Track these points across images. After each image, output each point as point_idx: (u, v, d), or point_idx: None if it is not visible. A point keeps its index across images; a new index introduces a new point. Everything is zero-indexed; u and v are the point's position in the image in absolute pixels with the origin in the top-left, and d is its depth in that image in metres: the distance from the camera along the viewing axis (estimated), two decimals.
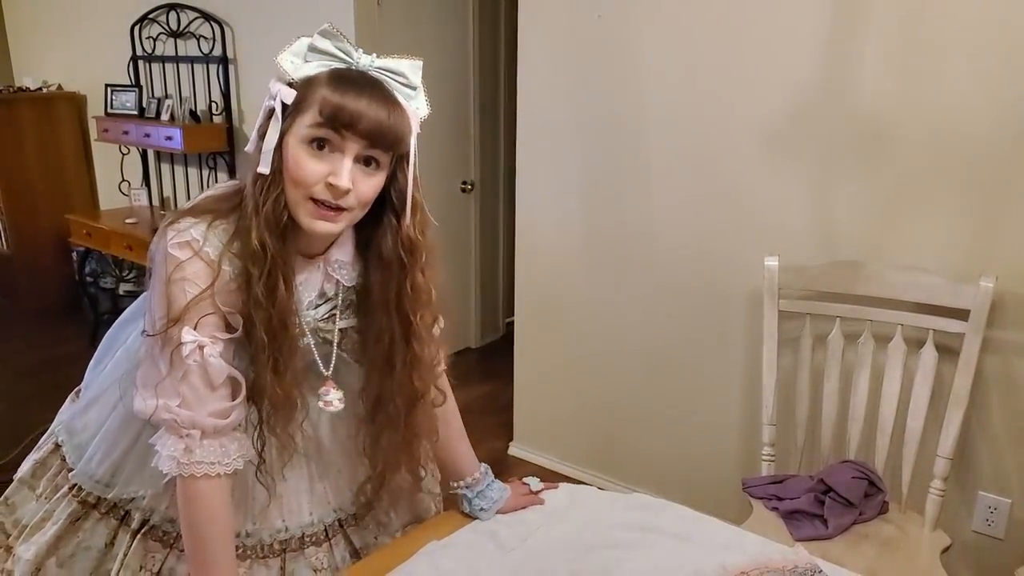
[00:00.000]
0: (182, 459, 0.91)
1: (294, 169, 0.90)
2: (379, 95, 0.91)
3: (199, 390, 0.91)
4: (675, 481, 2.25)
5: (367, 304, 1.04)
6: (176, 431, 0.92)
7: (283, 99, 0.91)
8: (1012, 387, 1.71)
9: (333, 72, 0.93)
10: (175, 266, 0.91)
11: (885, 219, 1.80)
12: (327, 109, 0.89)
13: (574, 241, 2.34)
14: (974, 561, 1.82)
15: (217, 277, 0.92)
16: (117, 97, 3.54)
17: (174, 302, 0.91)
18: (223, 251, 0.93)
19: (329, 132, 0.90)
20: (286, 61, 0.93)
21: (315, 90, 0.91)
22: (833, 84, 1.80)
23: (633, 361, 2.30)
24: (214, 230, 0.93)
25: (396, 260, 0.99)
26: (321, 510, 1.12)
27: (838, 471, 1.65)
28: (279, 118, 0.91)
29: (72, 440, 1.14)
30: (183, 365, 0.90)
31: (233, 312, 0.94)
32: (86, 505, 1.09)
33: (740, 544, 1.13)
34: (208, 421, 0.92)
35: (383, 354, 1.02)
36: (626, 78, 2.14)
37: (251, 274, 0.92)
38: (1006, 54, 1.59)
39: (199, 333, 0.90)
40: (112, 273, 3.94)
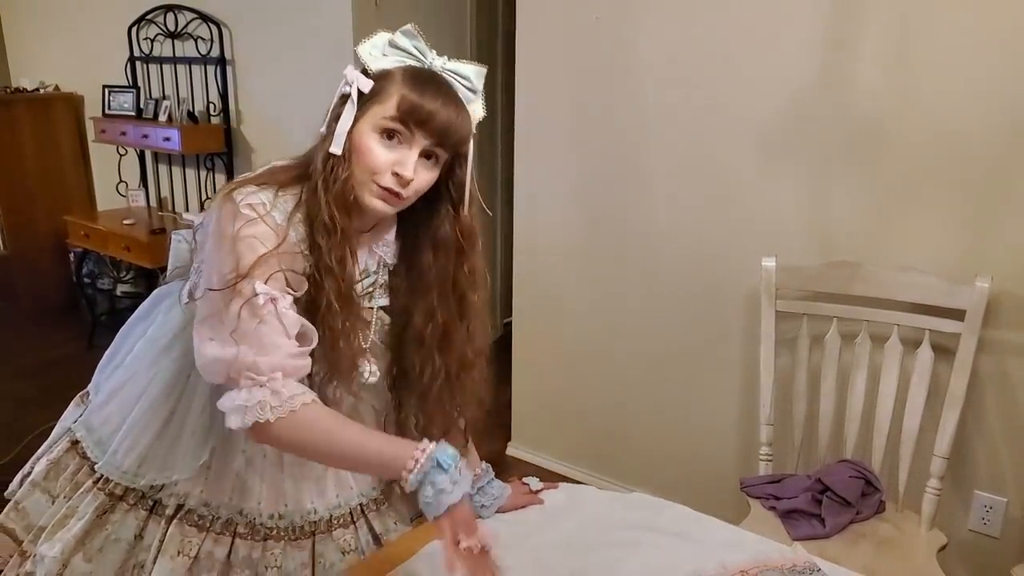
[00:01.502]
0: (272, 402, 0.90)
1: (365, 155, 0.97)
2: (451, 98, 0.99)
3: (277, 339, 0.92)
4: (673, 481, 2.26)
5: (415, 286, 1.10)
6: (256, 381, 0.90)
7: (360, 87, 0.97)
8: (1008, 387, 1.72)
9: (410, 70, 0.99)
10: (244, 223, 0.94)
11: (882, 220, 1.81)
12: (405, 106, 0.96)
13: (572, 242, 2.35)
14: (970, 560, 1.83)
15: (283, 242, 0.95)
16: (115, 98, 3.53)
17: (244, 256, 0.93)
18: (289, 217, 0.98)
19: (402, 127, 0.97)
20: (365, 52, 0.99)
21: (392, 85, 0.97)
22: (830, 85, 1.81)
23: (631, 361, 2.31)
24: (280, 198, 0.99)
25: (455, 245, 1.08)
26: (346, 493, 1.15)
27: (835, 470, 1.66)
28: (355, 104, 0.98)
29: (92, 436, 1.14)
30: (258, 316, 0.91)
31: (297, 275, 0.98)
32: (113, 497, 1.09)
33: (739, 542, 1.13)
34: (288, 362, 0.92)
35: (434, 332, 1.08)
36: (624, 79, 2.14)
37: (320, 245, 0.97)
38: (1001, 56, 1.60)
39: (272, 286, 0.93)
40: (110, 274, 3.94)
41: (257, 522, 1.09)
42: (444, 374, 1.10)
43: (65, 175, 4.01)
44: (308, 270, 0.98)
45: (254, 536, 1.08)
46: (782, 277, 1.78)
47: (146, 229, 3.31)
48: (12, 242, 3.89)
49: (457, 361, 1.10)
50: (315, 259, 0.98)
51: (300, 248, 0.98)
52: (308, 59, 2.92)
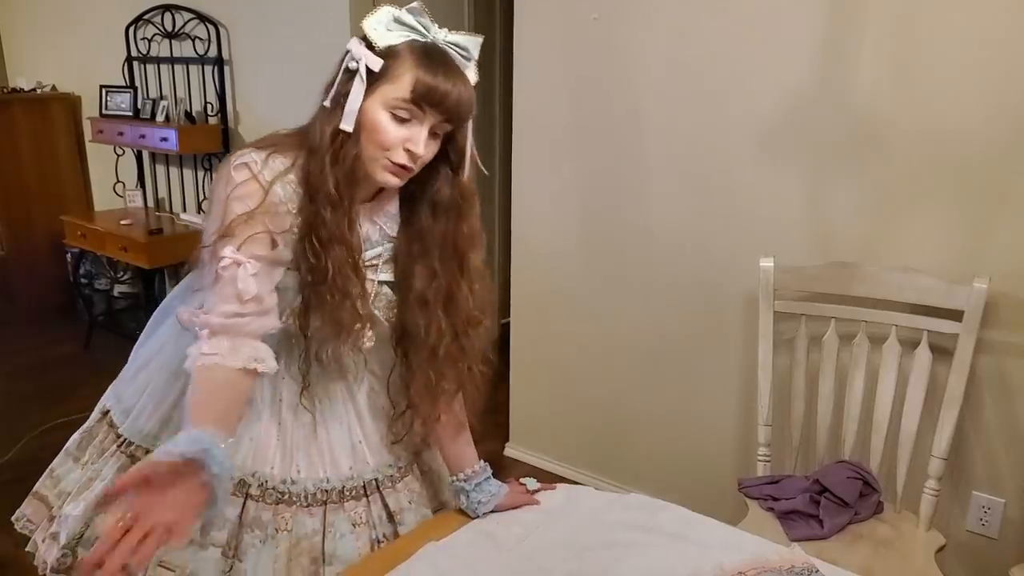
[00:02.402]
0: (194, 354, 0.96)
1: (376, 132, 1.00)
2: (459, 75, 1.01)
3: (227, 299, 0.97)
4: (671, 481, 2.25)
5: (415, 249, 1.12)
6: (198, 334, 0.98)
7: (369, 65, 0.99)
8: (1006, 388, 1.72)
9: (419, 49, 1.00)
10: (234, 186, 0.99)
11: (880, 220, 1.81)
12: (420, 88, 0.98)
13: (570, 242, 2.35)
14: (968, 561, 1.83)
15: (266, 197, 0.99)
16: (112, 98, 3.53)
17: (227, 218, 0.99)
18: (277, 176, 1.01)
19: (415, 108, 0.99)
20: (370, 27, 0.99)
21: (403, 65, 0.99)
22: (828, 85, 1.81)
23: (629, 362, 2.30)
24: (273, 158, 1.02)
25: (453, 207, 1.10)
26: (360, 467, 1.17)
27: (833, 471, 1.65)
28: (364, 81, 0.99)
29: (120, 404, 1.20)
30: (220, 277, 0.98)
31: (284, 232, 1.01)
32: (135, 459, 1.13)
33: (737, 543, 1.13)
34: (215, 320, 0.97)
35: (437, 293, 1.11)
36: (622, 79, 2.14)
37: (324, 216, 1.00)
38: (1000, 57, 1.60)
39: (242, 252, 0.98)
40: (107, 275, 3.93)
41: (269, 485, 1.11)
42: (452, 333, 1.12)
43: (62, 175, 4.00)
44: (295, 229, 1.02)
45: (265, 499, 1.11)
46: (780, 277, 1.77)
47: (143, 229, 3.31)
48: (9, 242, 3.88)
49: (463, 319, 1.13)
50: (317, 229, 1.00)
51: (287, 207, 1.01)
52: (306, 59, 2.91)
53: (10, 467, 2.55)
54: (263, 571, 1.08)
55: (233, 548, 1.08)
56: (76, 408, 2.97)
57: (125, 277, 3.93)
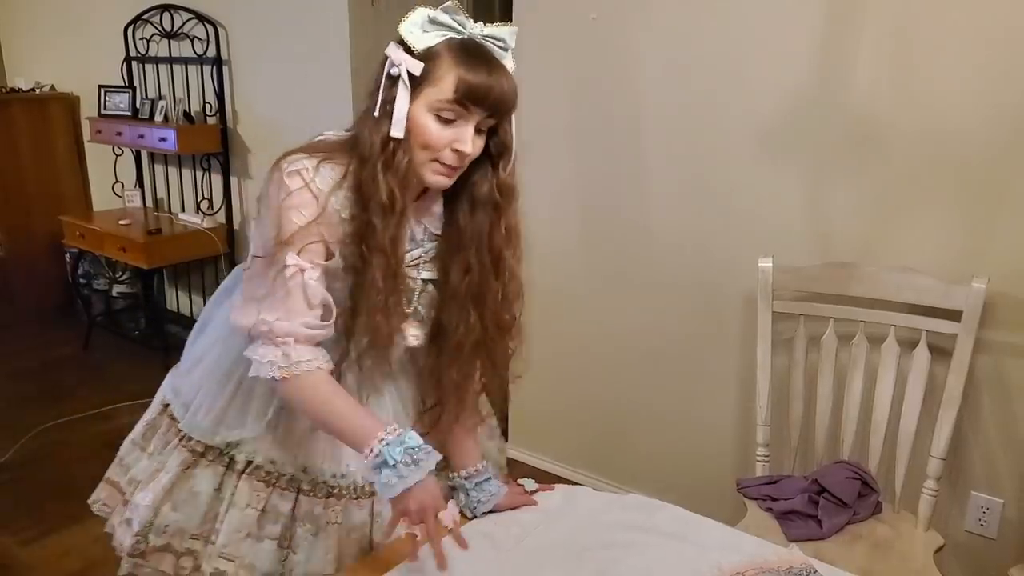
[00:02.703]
0: (281, 363, 1.01)
1: (424, 136, 1.01)
2: (500, 69, 1.01)
3: (297, 307, 1.01)
4: (670, 482, 2.25)
5: (452, 243, 1.12)
6: (272, 341, 1.02)
7: (410, 69, 0.99)
8: (1004, 388, 1.72)
9: (457, 47, 1.00)
10: (288, 194, 1.01)
11: (879, 220, 1.81)
12: (463, 88, 0.98)
13: (569, 242, 2.35)
14: (967, 561, 1.83)
15: (324, 209, 1.01)
16: (110, 98, 3.52)
17: (284, 226, 1.01)
18: (332, 188, 1.02)
19: (460, 108, 1.00)
20: (407, 31, 0.99)
21: (444, 65, 0.99)
22: (827, 85, 1.81)
23: (628, 362, 2.30)
24: (325, 166, 1.02)
25: (492, 203, 1.10)
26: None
27: (832, 471, 1.65)
28: (407, 86, 0.99)
29: (178, 399, 1.23)
30: (285, 285, 1.00)
31: (336, 243, 1.04)
32: (195, 453, 1.17)
33: (736, 544, 1.13)
34: (301, 330, 1.02)
35: (469, 289, 1.11)
36: (620, 79, 2.14)
37: (375, 224, 1.01)
38: (999, 56, 1.60)
39: (301, 258, 1.00)
40: (105, 275, 3.93)
41: (320, 480, 1.15)
42: (480, 330, 1.13)
43: (61, 175, 4.00)
44: (347, 238, 1.03)
45: (316, 493, 1.15)
46: (779, 278, 1.77)
47: (142, 230, 3.30)
48: (8, 243, 3.87)
49: (492, 320, 1.14)
50: (366, 237, 1.02)
51: (340, 216, 1.03)
52: (305, 59, 2.91)
53: (9, 467, 2.55)
54: (315, 561, 1.13)
55: (287, 540, 1.14)
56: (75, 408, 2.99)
57: (124, 277, 3.92)
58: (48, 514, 2.29)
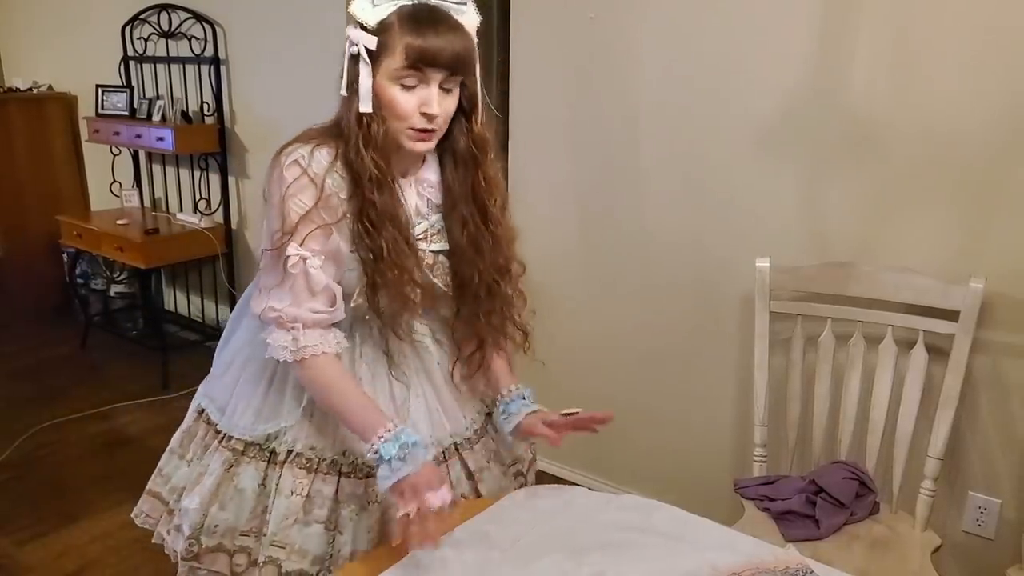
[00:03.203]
0: (291, 347, 1.08)
1: (391, 106, 1.06)
2: (451, 27, 1.04)
3: (301, 294, 1.08)
4: (667, 482, 2.25)
5: (448, 203, 1.18)
6: (283, 326, 1.08)
7: (366, 45, 1.03)
8: (1002, 388, 1.72)
9: (405, 13, 1.03)
10: (287, 185, 1.07)
11: (876, 220, 1.80)
12: (412, 53, 1.02)
13: (566, 243, 2.34)
14: (964, 561, 1.83)
15: (321, 192, 1.06)
16: (108, 98, 3.51)
17: (287, 218, 1.07)
18: (327, 168, 1.07)
19: (415, 72, 1.04)
20: (358, 9, 1.03)
21: (394, 35, 1.03)
22: (825, 85, 1.81)
23: (625, 362, 2.30)
24: (319, 150, 1.08)
25: (470, 157, 1.15)
26: (439, 433, 1.24)
27: (829, 472, 1.65)
28: (367, 61, 1.04)
29: (214, 404, 1.27)
30: (290, 274, 1.07)
31: (339, 220, 1.08)
32: (236, 452, 1.20)
33: (732, 544, 1.13)
34: (308, 315, 1.08)
35: (470, 241, 1.17)
36: (618, 79, 2.14)
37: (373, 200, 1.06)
38: (997, 55, 1.60)
39: (303, 247, 1.06)
40: (103, 275, 3.92)
41: (359, 461, 1.18)
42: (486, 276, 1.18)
43: (58, 175, 3.99)
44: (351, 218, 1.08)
45: (357, 474, 1.18)
46: (776, 277, 1.77)
47: (140, 229, 3.30)
48: (5, 242, 3.87)
49: (491, 265, 1.19)
50: (367, 213, 1.07)
51: (339, 196, 1.08)
52: (302, 59, 2.91)
53: (6, 467, 2.55)
54: (360, 540, 1.18)
55: (334, 523, 1.17)
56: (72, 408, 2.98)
57: (122, 277, 3.92)
58: (45, 514, 2.29)
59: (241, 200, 3.37)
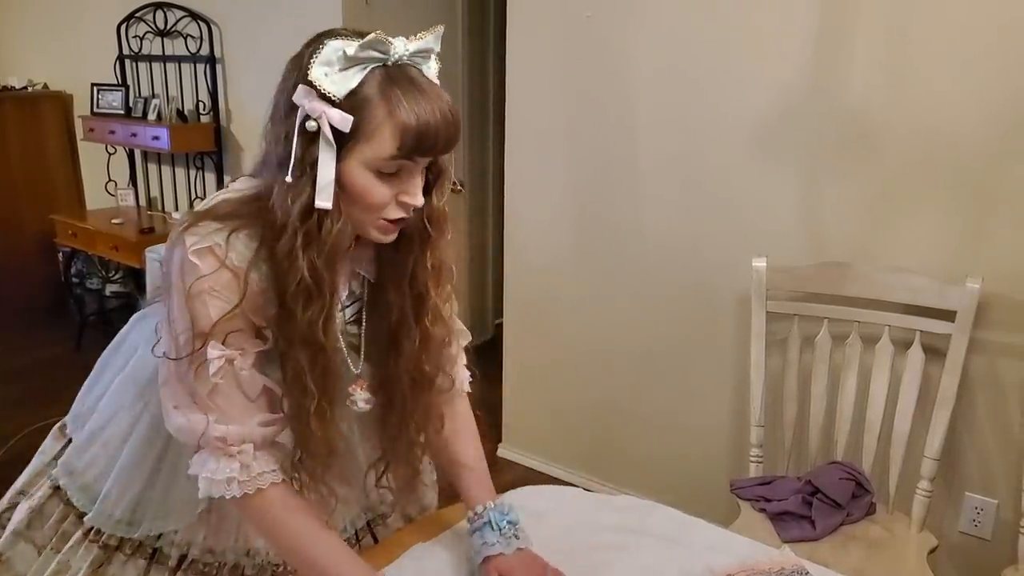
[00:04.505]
0: (241, 477, 0.85)
1: (364, 196, 0.83)
2: (439, 98, 0.83)
3: (237, 405, 0.86)
4: (663, 483, 2.25)
5: (377, 285, 0.97)
6: (224, 451, 0.85)
7: (335, 125, 0.79)
8: (998, 388, 1.71)
9: (386, 84, 0.81)
10: (196, 277, 0.83)
11: (873, 220, 1.80)
12: (408, 140, 0.81)
13: (563, 243, 2.34)
14: (961, 562, 1.83)
15: (245, 288, 0.84)
16: (103, 96, 3.50)
17: (198, 317, 0.83)
18: (251, 260, 0.85)
19: (407, 161, 0.83)
20: (320, 76, 0.79)
21: (376, 113, 0.80)
22: (821, 84, 1.81)
23: (622, 362, 2.29)
24: (237, 235, 0.84)
25: (418, 233, 0.92)
26: (352, 513, 1.13)
27: (826, 472, 1.65)
28: (332, 145, 0.80)
29: (76, 481, 1.05)
30: (213, 382, 0.84)
31: (264, 326, 0.88)
32: (108, 549, 1.01)
33: (727, 546, 1.12)
34: (258, 431, 0.87)
35: (389, 332, 0.96)
36: (615, 78, 2.14)
37: (295, 313, 0.84)
38: (994, 55, 1.60)
39: (227, 347, 0.84)
40: (98, 274, 3.91)
41: (265, 561, 1.05)
42: (398, 387, 0.97)
43: (53, 174, 3.97)
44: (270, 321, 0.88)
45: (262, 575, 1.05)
46: (773, 277, 1.77)
47: (135, 229, 3.29)
48: None
49: (407, 371, 0.96)
50: (283, 326, 0.85)
51: (265, 291, 0.86)
52: None
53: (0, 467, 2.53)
54: None
55: None
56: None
57: (117, 277, 3.90)
58: None
59: None
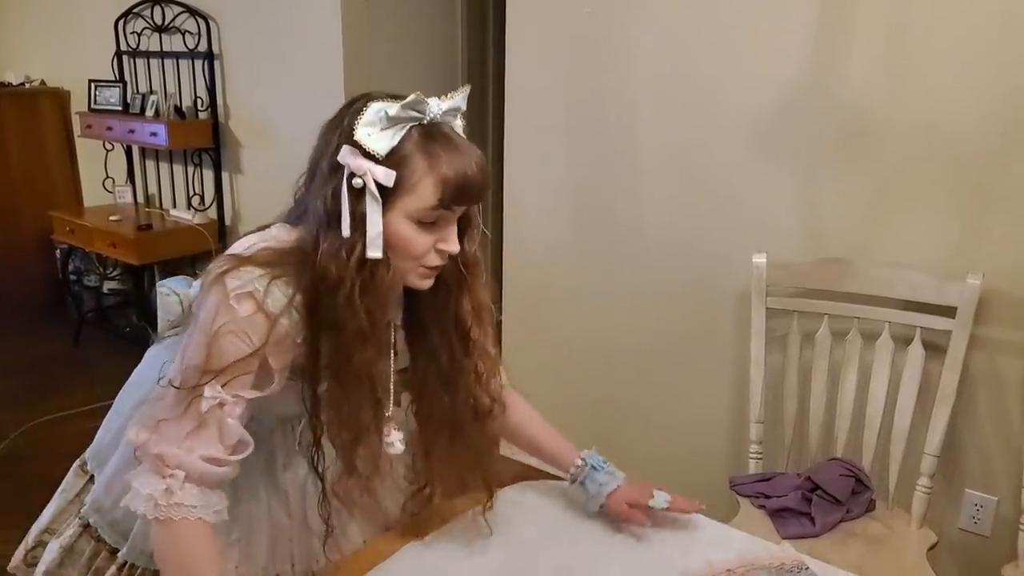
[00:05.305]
0: (160, 500, 0.86)
1: (407, 247, 0.91)
2: (473, 153, 0.91)
3: (200, 439, 0.88)
4: (662, 479, 2.22)
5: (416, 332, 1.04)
6: (160, 471, 0.87)
7: (380, 181, 0.87)
8: (999, 385, 1.71)
9: (425, 142, 0.89)
10: (234, 320, 0.87)
11: (873, 216, 1.80)
12: (448, 192, 0.89)
13: (561, 239, 2.33)
14: (961, 559, 1.83)
15: (270, 334, 0.88)
16: (101, 93, 3.49)
17: (217, 355, 0.87)
18: (284, 306, 0.89)
19: (445, 211, 0.91)
20: (366, 136, 0.87)
21: (417, 169, 0.88)
22: (821, 81, 1.80)
23: (621, 359, 2.29)
24: (277, 283, 0.89)
25: (455, 279, 1.00)
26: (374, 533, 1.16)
27: (825, 469, 1.64)
28: (378, 200, 0.88)
29: (105, 518, 1.09)
30: (198, 417, 0.87)
31: (283, 367, 0.92)
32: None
33: (727, 541, 1.12)
34: (197, 464, 0.87)
35: (442, 374, 1.04)
36: (614, 73, 2.13)
37: (351, 353, 0.90)
38: (994, 52, 1.59)
39: (225, 391, 0.87)
40: (96, 271, 3.90)
41: None
42: (455, 415, 1.06)
43: (51, 171, 3.97)
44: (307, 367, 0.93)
45: None
46: (773, 274, 1.76)
47: (133, 225, 3.28)
48: None
49: (466, 404, 1.06)
50: (341, 369, 0.91)
51: (292, 340, 0.91)
52: (297, 54, 2.89)
53: None
54: None
55: None
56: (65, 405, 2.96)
57: (115, 274, 3.90)
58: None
59: (235, 196, 3.35)
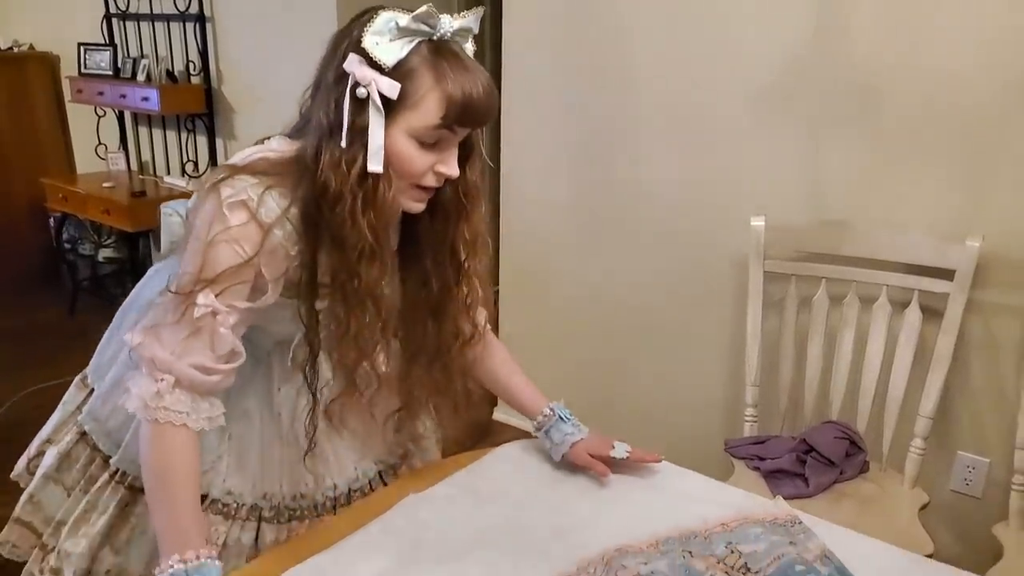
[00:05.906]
0: (150, 402, 0.88)
1: (405, 165, 0.90)
2: (480, 73, 0.89)
3: (194, 347, 0.89)
4: (657, 441, 2.22)
5: (410, 256, 1.04)
6: (152, 374, 0.89)
7: (384, 92, 0.85)
8: (994, 349, 1.71)
9: (433, 57, 0.87)
10: (224, 228, 0.87)
11: (873, 179, 1.78)
12: (452, 110, 0.87)
13: (559, 204, 2.31)
14: (952, 520, 1.85)
15: (263, 244, 0.89)
16: (91, 57, 3.43)
17: (211, 263, 0.87)
18: (278, 216, 0.89)
19: (448, 131, 0.89)
20: (373, 45, 0.85)
21: (423, 83, 0.87)
22: (823, 42, 1.77)
23: (618, 323, 2.29)
24: (271, 192, 0.89)
25: (454, 206, 0.99)
26: (365, 465, 1.16)
27: (820, 432, 1.65)
28: (381, 112, 0.86)
29: (101, 427, 1.11)
30: (191, 325, 0.88)
31: (277, 277, 0.92)
32: (133, 490, 1.07)
33: (720, 496, 1.13)
34: (187, 371, 0.89)
35: (431, 301, 1.04)
36: (613, 36, 2.09)
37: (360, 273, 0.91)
38: (998, 12, 1.56)
39: (219, 300, 0.88)
40: (90, 239, 3.88)
41: (282, 505, 1.09)
42: (439, 341, 1.06)
43: (42, 137, 3.91)
44: (291, 270, 0.93)
45: (279, 519, 1.08)
46: (771, 237, 1.75)
47: (127, 192, 3.25)
48: None
49: (452, 332, 1.06)
50: (346, 286, 0.92)
51: (285, 250, 0.91)
52: (291, 18, 2.83)
53: None
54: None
55: None
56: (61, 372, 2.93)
57: (110, 241, 3.87)
58: None
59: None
